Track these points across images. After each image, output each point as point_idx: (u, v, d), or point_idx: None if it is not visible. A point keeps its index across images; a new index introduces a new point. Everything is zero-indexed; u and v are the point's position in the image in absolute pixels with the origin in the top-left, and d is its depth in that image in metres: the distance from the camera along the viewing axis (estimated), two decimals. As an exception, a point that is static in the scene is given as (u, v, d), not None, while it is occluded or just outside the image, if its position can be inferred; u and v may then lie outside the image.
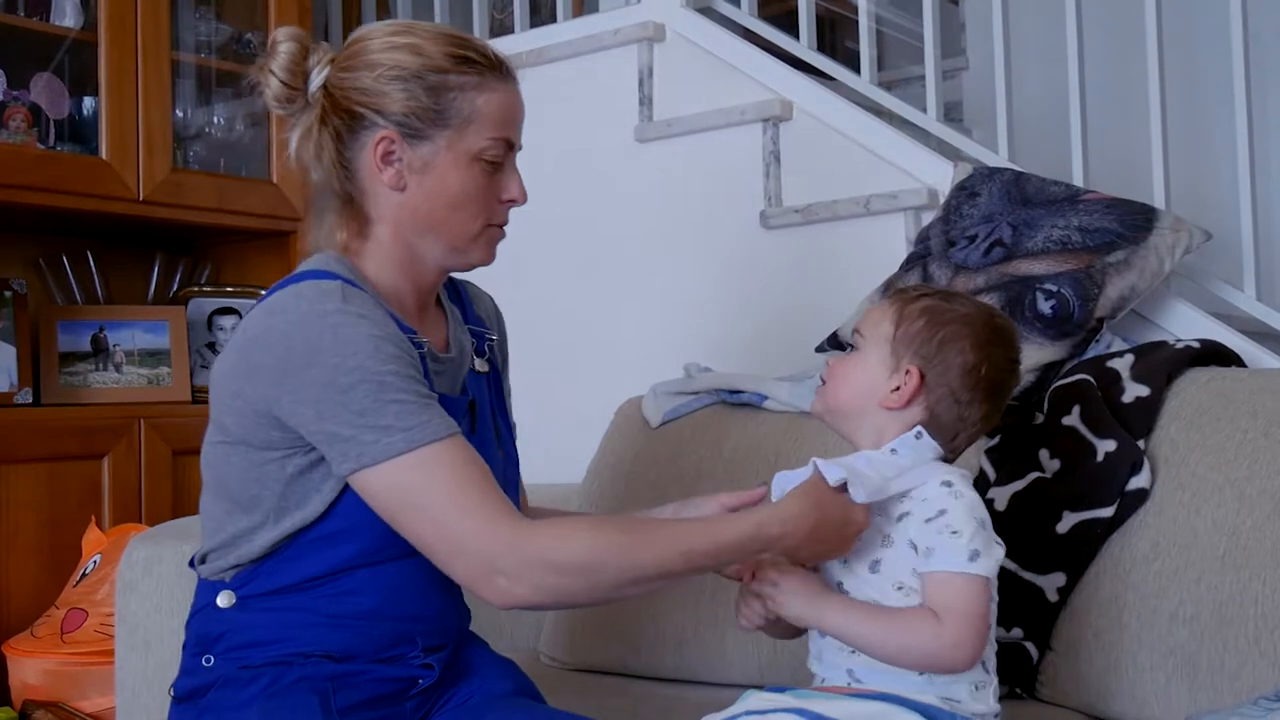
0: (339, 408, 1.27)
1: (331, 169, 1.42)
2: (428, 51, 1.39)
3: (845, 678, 1.36)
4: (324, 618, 1.37)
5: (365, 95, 1.39)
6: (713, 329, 2.51)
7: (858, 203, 2.35)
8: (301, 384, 1.28)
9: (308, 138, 1.42)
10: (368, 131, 1.40)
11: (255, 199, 3.00)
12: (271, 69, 1.40)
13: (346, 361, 1.27)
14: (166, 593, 1.78)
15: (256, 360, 1.32)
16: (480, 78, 1.40)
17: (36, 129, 2.75)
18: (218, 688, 1.37)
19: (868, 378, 1.39)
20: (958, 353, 1.37)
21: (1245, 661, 1.48)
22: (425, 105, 1.38)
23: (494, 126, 1.41)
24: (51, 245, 2.99)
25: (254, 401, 1.33)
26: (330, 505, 1.35)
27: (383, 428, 1.26)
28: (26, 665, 2.40)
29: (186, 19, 3.01)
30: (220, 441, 1.39)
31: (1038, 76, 2.75)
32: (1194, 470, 1.62)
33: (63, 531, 2.63)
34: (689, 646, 1.88)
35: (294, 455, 1.34)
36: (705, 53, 2.65)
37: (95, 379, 2.87)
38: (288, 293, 1.34)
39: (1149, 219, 1.96)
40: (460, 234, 1.43)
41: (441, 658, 1.43)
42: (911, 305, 1.40)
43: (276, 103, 1.42)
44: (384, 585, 1.38)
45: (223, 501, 1.40)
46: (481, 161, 1.41)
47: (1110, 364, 1.79)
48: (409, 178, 1.40)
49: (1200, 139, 2.64)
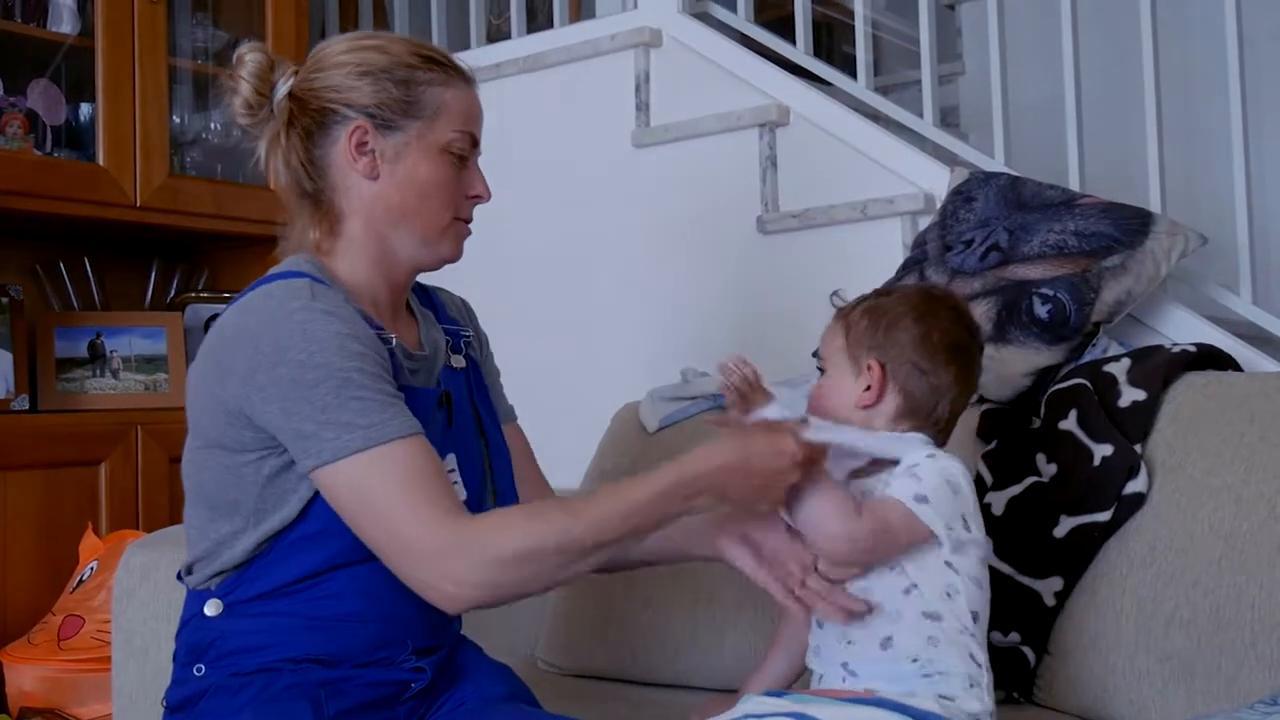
0: (303, 403, 1.28)
1: (300, 170, 1.46)
2: (394, 51, 1.45)
3: (840, 671, 1.37)
4: (308, 621, 1.37)
5: (335, 92, 1.43)
6: (710, 334, 2.51)
7: (854, 208, 2.35)
8: (270, 381, 1.29)
9: (275, 143, 1.47)
10: (339, 126, 1.43)
11: (252, 205, 2.99)
12: (241, 76, 1.45)
13: (313, 358, 1.29)
14: (163, 599, 1.78)
15: (227, 362, 1.34)
16: (446, 75, 1.46)
17: (33, 135, 2.75)
18: (209, 696, 1.37)
19: (841, 392, 1.45)
20: (903, 329, 1.43)
21: (1242, 665, 1.48)
22: (396, 97, 1.43)
23: (460, 121, 1.46)
24: (48, 251, 2.99)
25: (226, 402, 1.34)
26: (307, 506, 1.35)
27: (343, 424, 1.27)
28: (23, 672, 2.39)
29: (183, 25, 3.01)
30: (198, 447, 1.40)
31: (1034, 81, 2.75)
32: (1190, 474, 1.62)
33: (59, 538, 2.63)
34: (686, 651, 1.88)
35: (269, 456, 1.34)
36: (702, 58, 2.65)
37: (92, 385, 2.87)
38: (257, 294, 1.38)
39: (1145, 223, 1.96)
40: (431, 224, 1.46)
41: (434, 661, 1.43)
42: (853, 313, 1.47)
43: (244, 109, 1.46)
44: (364, 586, 1.37)
45: (203, 509, 1.41)
46: (449, 154, 1.45)
47: (1107, 368, 1.79)
48: (382, 166, 1.44)
49: (1196, 143, 2.65)
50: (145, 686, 1.80)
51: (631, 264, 2.65)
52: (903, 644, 1.34)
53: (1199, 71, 2.77)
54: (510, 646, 2.08)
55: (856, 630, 1.36)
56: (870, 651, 1.36)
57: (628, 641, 1.93)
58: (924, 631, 1.34)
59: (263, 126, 1.47)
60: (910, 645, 1.34)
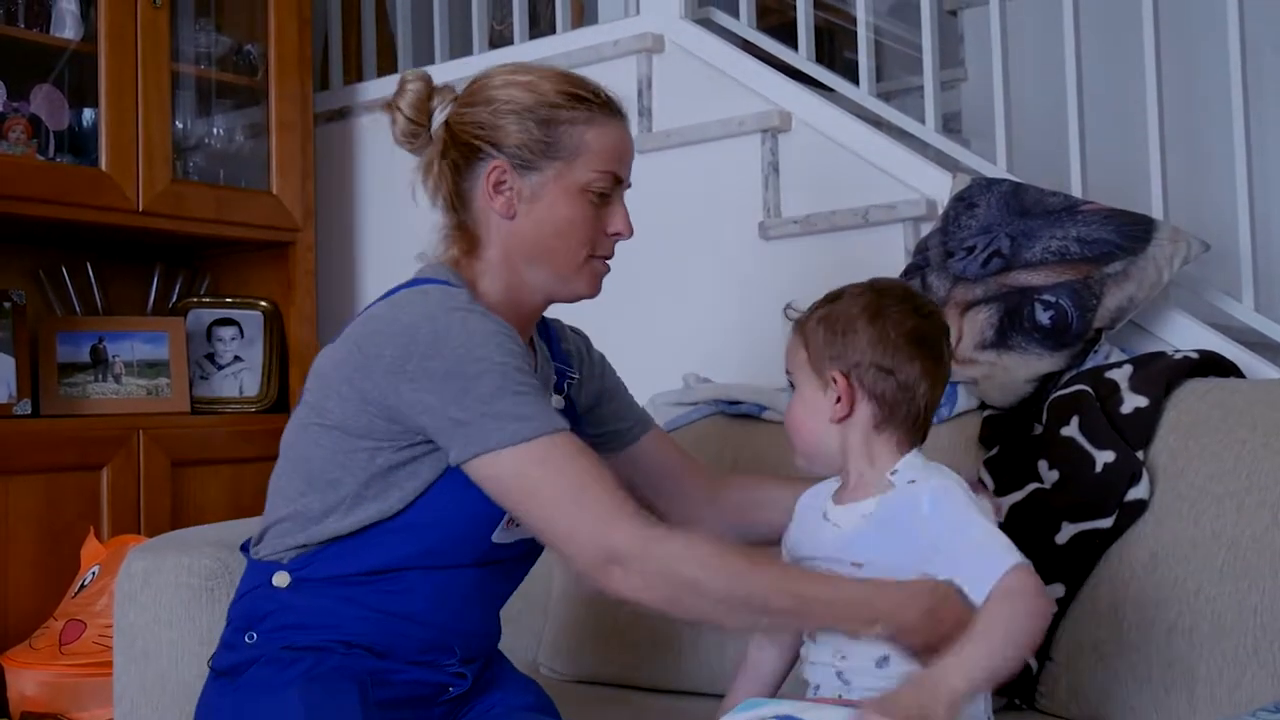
0: (463, 394, 1.31)
1: (449, 199, 1.49)
2: (541, 89, 1.46)
3: (835, 681, 1.37)
4: (372, 612, 1.41)
5: (482, 129, 1.45)
6: (711, 340, 2.51)
7: (856, 214, 2.35)
8: (423, 373, 1.32)
9: (429, 171, 1.50)
10: (482, 163, 1.46)
11: (255, 210, 3.00)
12: (399, 106, 1.49)
13: (474, 351, 1.32)
14: (165, 604, 1.78)
15: (375, 350, 1.36)
16: (590, 113, 1.46)
17: (36, 140, 2.75)
18: (259, 665, 1.41)
19: (812, 409, 1.41)
20: (858, 331, 1.38)
21: (1244, 673, 1.48)
22: (536, 138, 1.44)
23: (601, 160, 1.46)
24: (51, 256, 2.99)
25: (367, 391, 1.36)
26: (408, 504, 1.39)
27: (508, 415, 1.31)
28: (25, 676, 2.39)
29: (186, 30, 3.01)
30: (314, 424, 1.42)
31: (1036, 87, 2.76)
32: (1192, 481, 1.62)
33: (61, 543, 2.63)
34: (690, 657, 1.88)
35: (386, 450, 1.37)
36: (704, 64, 2.65)
37: (94, 390, 2.87)
38: (413, 291, 1.40)
39: (1147, 230, 1.96)
40: (566, 262, 1.48)
41: (474, 669, 1.48)
42: (809, 323, 1.43)
43: (403, 138, 1.50)
44: (433, 590, 1.42)
45: (298, 481, 1.44)
46: (589, 193, 1.46)
47: (1109, 375, 1.79)
48: (518, 206, 1.46)
49: (1198, 149, 2.65)
50: (147, 691, 1.79)
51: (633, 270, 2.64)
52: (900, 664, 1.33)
53: (1201, 78, 2.77)
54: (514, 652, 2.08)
55: (850, 646, 1.36)
56: (864, 665, 1.35)
57: (631, 648, 1.93)
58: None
59: (420, 151, 1.51)
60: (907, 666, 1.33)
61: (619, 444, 1.67)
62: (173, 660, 1.67)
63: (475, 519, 1.41)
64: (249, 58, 3.12)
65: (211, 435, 2.92)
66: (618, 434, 1.68)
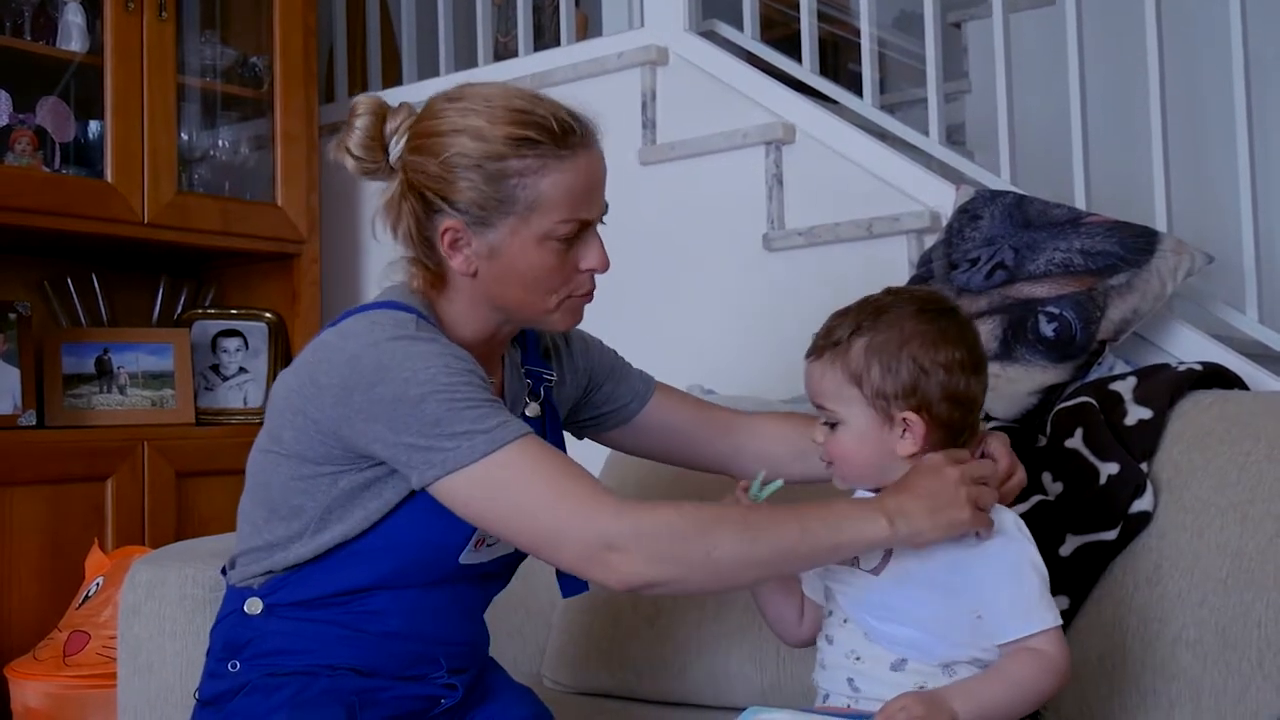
0: (411, 419, 1.27)
1: (410, 239, 1.40)
2: (488, 136, 1.34)
3: (846, 688, 1.37)
4: (351, 632, 1.39)
5: (433, 181, 1.36)
6: (716, 352, 2.51)
7: (860, 225, 2.35)
8: (369, 402, 1.29)
9: (391, 206, 1.40)
10: (439, 216, 1.36)
11: (260, 222, 3.01)
12: (347, 146, 1.40)
13: (416, 375, 1.28)
14: (169, 616, 1.78)
15: (322, 380, 1.33)
16: (542, 160, 1.34)
17: (42, 152, 2.76)
18: (244, 693, 1.39)
19: (872, 444, 1.35)
20: (924, 369, 1.32)
21: (1249, 685, 1.48)
22: (487, 194, 1.34)
23: (561, 210, 1.35)
24: (56, 268, 2.99)
25: (318, 421, 1.33)
26: (372, 524, 1.36)
27: (461, 434, 1.26)
28: (28, 688, 2.39)
29: (192, 43, 3.02)
30: (272, 451, 1.40)
31: (1040, 99, 2.76)
32: (1197, 493, 1.61)
33: (66, 554, 2.63)
34: (692, 669, 1.88)
35: (348, 472, 1.35)
36: (708, 76, 2.66)
37: (99, 401, 2.87)
38: (362, 318, 1.35)
39: (1151, 242, 1.97)
40: (536, 309, 1.41)
41: (465, 680, 1.46)
42: (848, 356, 1.35)
43: (360, 174, 1.42)
44: (407, 609, 1.40)
45: (262, 509, 1.42)
46: (552, 240, 1.36)
47: (1113, 386, 1.79)
48: (478, 263, 1.37)
49: (1202, 161, 2.65)
50: (151, 703, 1.79)
51: (637, 281, 2.66)
52: (916, 669, 1.33)
53: (1205, 90, 2.77)
54: (517, 664, 2.08)
55: (865, 646, 1.36)
56: (879, 671, 1.35)
57: (633, 660, 1.92)
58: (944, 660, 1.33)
59: (382, 178, 1.41)
60: (923, 671, 1.33)
61: (623, 419, 1.64)
62: (177, 672, 1.67)
63: (438, 546, 1.38)
64: (254, 70, 3.13)
65: (216, 446, 2.93)
66: (618, 411, 1.64)
